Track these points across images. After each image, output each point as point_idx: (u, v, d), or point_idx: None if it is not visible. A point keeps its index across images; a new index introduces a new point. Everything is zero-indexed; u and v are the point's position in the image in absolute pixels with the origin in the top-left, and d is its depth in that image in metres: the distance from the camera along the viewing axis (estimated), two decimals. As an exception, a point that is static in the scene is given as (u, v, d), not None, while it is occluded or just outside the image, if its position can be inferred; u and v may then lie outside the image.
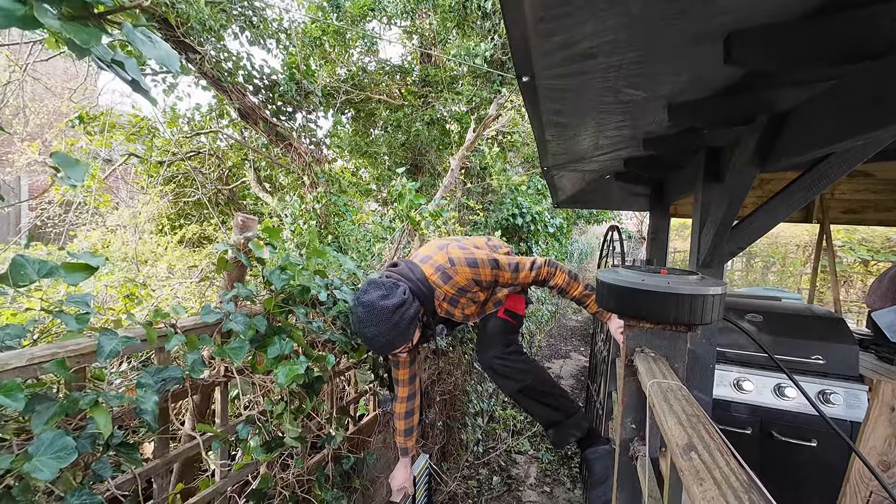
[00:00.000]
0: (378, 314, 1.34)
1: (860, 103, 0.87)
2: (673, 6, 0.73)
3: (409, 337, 1.41)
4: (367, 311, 1.34)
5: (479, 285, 1.54)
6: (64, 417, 0.80)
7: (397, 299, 1.37)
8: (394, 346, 1.39)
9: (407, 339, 1.41)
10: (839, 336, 1.80)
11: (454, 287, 1.50)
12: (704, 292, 0.75)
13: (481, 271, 1.51)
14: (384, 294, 1.37)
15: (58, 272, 0.79)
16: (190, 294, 3.42)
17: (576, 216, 8.87)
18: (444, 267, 1.50)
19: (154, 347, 1.05)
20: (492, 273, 1.53)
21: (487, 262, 1.52)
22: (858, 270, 8.59)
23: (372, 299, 1.35)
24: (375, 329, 1.34)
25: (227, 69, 3.76)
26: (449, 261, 1.50)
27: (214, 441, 1.25)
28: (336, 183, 4.05)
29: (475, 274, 1.51)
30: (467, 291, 1.53)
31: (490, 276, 1.53)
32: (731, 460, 0.41)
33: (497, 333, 1.70)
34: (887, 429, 0.88)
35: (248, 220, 1.32)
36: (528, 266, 1.57)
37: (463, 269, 1.50)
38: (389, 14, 5.33)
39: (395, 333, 1.36)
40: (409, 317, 1.39)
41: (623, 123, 1.44)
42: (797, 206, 1.39)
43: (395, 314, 1.35)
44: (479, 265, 1.51)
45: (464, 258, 1.51)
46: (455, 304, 1.56)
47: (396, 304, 1.36)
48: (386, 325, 1.34)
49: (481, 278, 1.52)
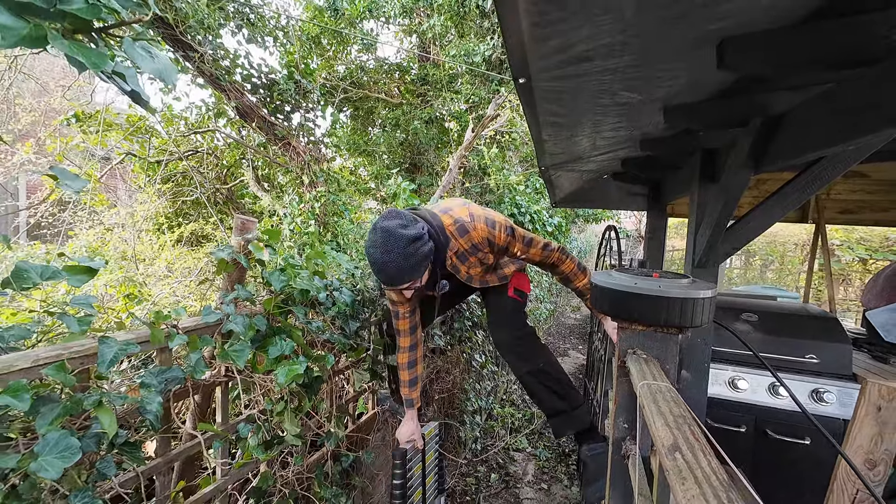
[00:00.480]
0: (394, 241, 1.30)
1: (854, 108, 0.89)
2: (666, 12, 0.74)
3: (418, 273, 1.37)
4: (384, 236, 1.31)
5: (490, 247, 1.54)
6: (69, 417, 0.81)
7: (415, 232, 1.34)
8: (402, 278, 1.35)
9: (416, 276, 1.37)
10: (833, 335, 1.81)
11: (468, 242, 1.51)
12: (695, 296, 0.77)
13: (497, 234, 1.52)
14: (403, 224, 1.34)
15: (60, 275, 0.81)
16: (190, 293, 3.43)
17: (574, 215, 8.88)
18: (464, 220, 1.50)
19: (156, 347, 1.06)
20: (506, 239, 1.54)
21: (505, 228, 1.54)
22: (857, 269, 8.63)
23: (390, 226, 1.32)
24: (388, 256, 1.30)
25: (225, 67, 3.76)
26: (469, 215, 1.51)
27: (215, 440, 1.26)
28: (335, 182, 4.05)
29: (491, 235, 1.52)
30: (479, 250, 1.54)
31: (503, 242, 1.54)
32: (713, 460, 0.42)
33: (510, 312, 1.74)
34: (874, 428, 0.90)
35: (247, 221, 1.33)
36: (540, 245, 1.59)
37: (481, 226, 1.50)
38: (388, 14, 5.33)
39: (406, 265, 1.32)
40: (423, 253, 1.35)
41: (620, 125, 1.46)
42: (792, 206, 1.41)
43: (411, 246, 1.32)
44: (497, 228, 1.52)
45: (483, 216, 1.52)
46: (464, 260, 1.55)
47: (414, 235, 1.33)
48: (399, 254, 1.31)
49: (495, 241, 1.53)
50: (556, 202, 3.50)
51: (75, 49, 0.52)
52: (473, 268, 1.59)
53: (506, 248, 1.56)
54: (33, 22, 0.49)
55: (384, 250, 1.31)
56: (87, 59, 0.53)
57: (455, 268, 1.57)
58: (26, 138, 4.90)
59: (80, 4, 0.52)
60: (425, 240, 1.37)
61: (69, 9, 0.52)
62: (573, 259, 1.63)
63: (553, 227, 5.02)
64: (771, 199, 1.41)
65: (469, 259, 1.55)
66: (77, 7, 0.52)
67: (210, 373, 1.29)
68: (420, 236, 1.35)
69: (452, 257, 1.53)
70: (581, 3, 0.72)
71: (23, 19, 0.49)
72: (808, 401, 1.76)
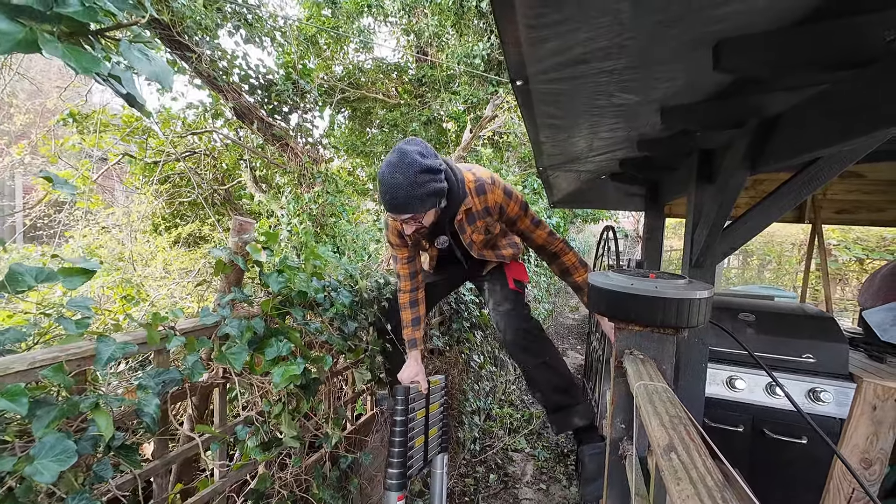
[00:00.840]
0: (408, 165, 1.26)
1: (849, 109, 0.89)
2: (663, 15, 0.75)
3: (423, 207, 1.32)
4: (400, 157, 1.28)
5: (500, 215, 1.55)
6: (65, 420, 0.81)
7: (432, 163, 1.30)
8: (406, 206, 1.30)
9: (421, 209, 1.33)
10: (829, 335, 1.82)
11: (483, 203, 1.50)
12: (691, 296, 0.77)
13: (511, 204, 1.53)
14: (422, 153, 1.30)
15: (55, 278, 0.81)
16: (187, 294, 3.42)
17: (573, 215, 8.89)
18: (484, 181, 1.49)
19: (153, 349, 1.06)
20: (518, 212, 1.56)
21: (519, 202, 1.55)
22: (854, 269, 8.67)
23: (409, 150, 1.28)
24: (398, 178, 1.26)
25: (223, 68, 3.76)
26: (490, 179, 1.50)
27: (213, 442, 1.26)
28: (333, 182, 4.05)
29: (505, 203, 1.52)
30: (489, 215, 1.54)
31: (514, 214, 1.56)
32: (709, 460, 0.43)
33: (514, 306, 1.76)
34: (869, 427, 0.91)
35: (245, 223, 1.33)
36: (547, 229, 1.61)
37: (498, 191, 1.50)
38: (386, 12, 5.33)
39: (413, 193, 1.27)
40: (434, 188, 1.31)
41: (617, 126, 1.46)
42: (788, 207, 1.41)
43: (423, 175, 1.28)
44: (513, 198, 1.53)
45: (503, 185, 1.52)
46: (472, 221, 1.53)
47: (429, 166, 1.29)
48: (410, 180, 1.26)
49: (507, 211, 1.54)
50: (555, 203, 3.51)
51: (69, 53, 0.52)
52: (478, 233, 1.57)
53: (515, 220, 1.57)
54: (28, 26, 0.49)
55: (396, 172, 1.26)
56: (79, 64, 0.53)
57: (461, 227, 1.54)
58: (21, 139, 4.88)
59: (76, 7, 0.52)
60: (440, 177, 1.33)
61: (65, 12, 0.52)
62: (576, 252, 1.64)
63: (551, 227, 5.02)
64: (767, 200, 1.42)
65: (476, 222, 1.54)
66: (73, 10, 0.52)
67: (208, 375, 1.28)
68: (436, 170, 1.31)
69: (463, 214, 1.51)
70: (578, 7, 0.73)
71: (18, 23, 0.49)
72: (804, 400, 1.77)
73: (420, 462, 1.60)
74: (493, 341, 3.70)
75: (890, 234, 7.87)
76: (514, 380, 4.46)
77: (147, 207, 4.61)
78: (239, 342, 1.19)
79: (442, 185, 1.35)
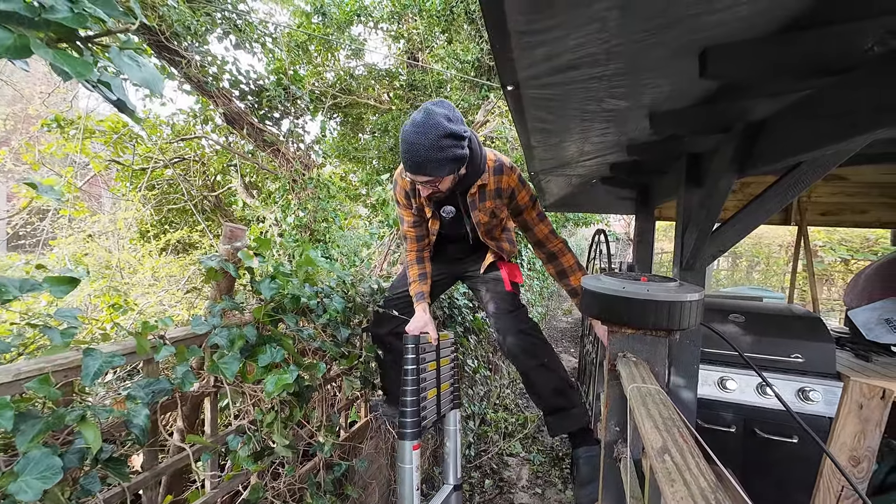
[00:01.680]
0: (433, 126, 1.25)
1: (831, 115, 0.91)
2: (649, 23, 0.76)
3: (442, 171, 1.31)
4: (426, 118, 1.26)
5: (510, 201, 1.57)
6: (51, 433, 0.79)
7: (458, 129, 1.29)
8: (425, 167, 1.29)
9: (439, 173, 1.31)
10: (817, 335, 1.85)
11: (497, 183, 1.51)
12: (682, 299, 0.78)
13: (523, 192, 1.56)
14: (449, 117, 1.29)
15: (40, 288, 0.79)
16: (177, 301, 3.37)
17: (564, 219, 8.94)
18: (504, 163, 1.52)
19: (143, 359, 1.04)
20: (526, 202, 1.58)
21: (531, 192, 1.59)
22: (839, 269, 8.85)
23: (436, 111, 1.27)
24: (421, 138, 1.25)
25: (213, 74, 3.74)
26: (510, 163, 1.55)
27: (204, 452, 1.24)
28: (325, 188, 4.04)
29: (517, 189, 1.55)
30: (500, 197, 1.55)
31: (524, 203, 1.58)
32: (702, 462, 0.43)
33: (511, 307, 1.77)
34: (857, 425, 0.92)
35: (236, 229, 1.32)
36: (550, 227, 1.63)
37: (514, 176, 1.54)
38: (376, 18, 5.35)
39: (434, 157, 1.26)
40: (455, 154, 1.29)
41: (607, 130, 1.48)
42: (775, 209, 1.44)
43: (446, 140, 1.26)
44: (525, 186, 1.56)
45: (520, 173, 1.56)
46: (483, 199, 1.54)
47: (454, 132, 1.27)
48: (432, 142, 1.25)
49: (516, 197, 1.56)
50: (547, 206, 3.53)
51: (60, 58, 0.51)
52: (484, 214, 1.58)
53: (522, 210, 1.60)
54: (17, 32, 0.49)
55: (420, 132, 1.25)
56: (72, 69, 0.52)
57: (473, 203, 1.54)
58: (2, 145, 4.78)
59: (65, 14, 0.52)
60: (462, 144, 1.31)
61: (54, 18, 0.51)
62: (574, 255, 1.66)
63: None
64: (754, 203, 1.44)
65: (486, 203, 1.55)
66: (62, 16, 0.51)
67: (198, 384, 1.27)
68: (459, 136, 1.29)
69: (477, 189, 1.51)
70: (567, 14, 0.74)
71: (6, 29, 0.48)
72: (794, 399, 1.79)
73: (434, 415, 1.59)
74: (487, 345, 3.70)
75: (873, 234, 8.05)
76: (509, 384, 4.46)
77: (134, 214, 4.54)
78: (231, 351, 1.17)
79: (464, 152, 1.33)
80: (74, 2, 0.52)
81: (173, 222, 5.10)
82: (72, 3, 0.51)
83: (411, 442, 1.43)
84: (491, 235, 1.71)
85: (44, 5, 0.50)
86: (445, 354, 1.75)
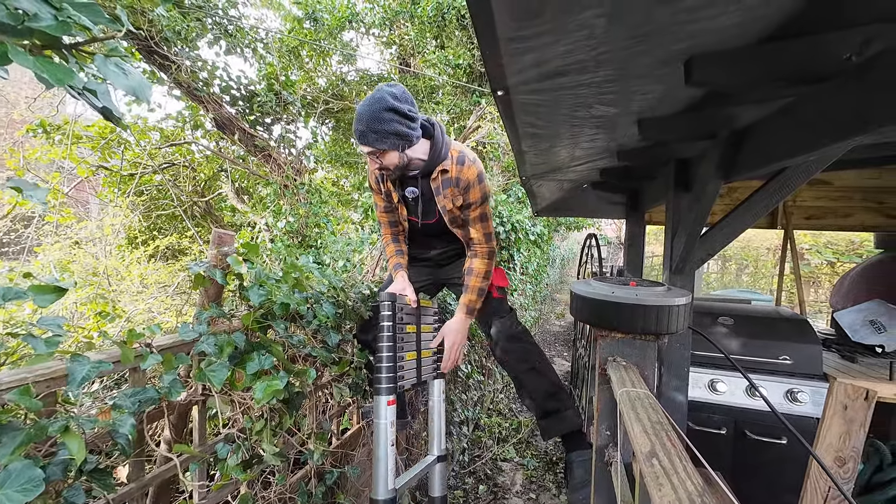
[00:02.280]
0: (377, 100, 1.39)
1: (812, 121, 0.94)
2: (635, 31, 0.78)
3: (382, 144, 1.42)
4: (375, 93, 1.41)
5: (464, 195, 1.60)
6: (34, 444, 0.77)
7: (402, 107, 1.40)
8: (364, 137, 1.42)
9: (379, 145, 1.42)
10: (804, 336, 1.88)
11: (457, 174, 1.58)
12: (670, 303, 0.79)
13: (479, 188, 1.60)
14: (396, 96, 1.41)
15: (25, 296, 0.77)
16: (166, 308, 3.32)
17: (556, 223, 9.00)
18: (467, 156, 1.59)
19: (129, 367, 1.02)
20: (478, 199, 1.61)
21: (484, 192, 1.62)
22: (826, 272, 9.01)
23: (385, 90, 1.40)
24: (365, 109, 1.39)
25: (203, 79, 3.71)
26: (473, 158, 1.61)
27: (192, 462, 1.22)
28: (316, 193, 4.02)
29: (473, 184, 1.58)
30: (457, 187, 1.60)
31: (474, 198, 1.61)
32: (689, 465, 0.44)
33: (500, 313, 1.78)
34: (842, 426, 0.94)
35: (224, 235, 1.30)
36: (490, 231, 1.66)
37: (473, 170, 1.58)
38: (367, 24, 5.37)
39: (373, 127, 1.39)
40: (395, 129, 1.41)
41: (597, 136, 1.50)
42: (761, 213, 1.47)
43: (387, 113, 1.38)
44: (480, 185, 1.60)
45: (480, 170, 1.60)
46: (447, 186, 1.60)
47: (398, 108, 1.39)
48: (373, 114, 1.38)
49: (469, 193, 1.60)
50: (538, 211, 3.56)
51: (41, 65, 0.51)
52: (448, 201, 1.64)
53: (470, 205, 1.62)
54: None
55: (366, 104, 1.40)
56: (52, 76, 0.52)
57: (437, 189, 1.61)
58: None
59: (48, 21, 0.51)
60: (407, 123, 1.42)
61: (37, 26, 0.50)
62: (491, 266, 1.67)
63: (535, 235, 5.08)
64: (741, 207, 1.47)
65: (449, 189, 1.61)
66: (46, 24, 0.51)
67: (186, 393, 1.25)
68: (403, 114, 1.40)
69: (439, 175, 1.58)
70: (555, 21, 0.75)
71: (-13, 37, 0.47)
72: (783, 401, 1.81)
73: (413, 379, 1.58)
74: (480, 350, 3.70)
75: (858, 238, 8.22)
76: (502, 388, 4.45)
77: (122, 220, 4.47)
78: (219, 358, 1.16)
79: (407, 130, 1.43)
80: (59, 9, 0.51)
81: (162, 228, 5.03)
82: (56, 10, 0.51)
83: (386, 397, 1.42)
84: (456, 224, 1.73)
85: (27, 13, 0.49)
86: (428, 322, 1.76)
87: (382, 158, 1.48)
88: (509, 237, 3.78)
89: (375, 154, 1.47)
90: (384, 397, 1.42)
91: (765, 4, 0.69)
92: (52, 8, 0.51)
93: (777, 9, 0.71)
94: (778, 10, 0.71)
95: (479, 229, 1.65)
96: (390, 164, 1.50)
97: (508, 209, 3.87)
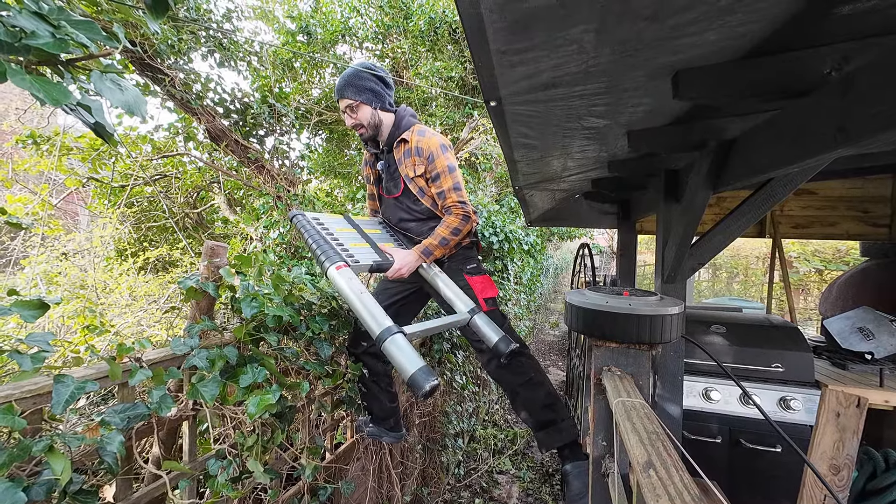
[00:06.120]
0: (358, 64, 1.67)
1: (795, 134, 0.96)
2: (623, 46, 0.80)
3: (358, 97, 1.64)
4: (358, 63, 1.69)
5: (428, 164, 1.68)
6: (17, 464, 0.75)
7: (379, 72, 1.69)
8: (344, 89, 1.65)
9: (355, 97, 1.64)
10: (795, 344, 1.90)
11: (415, 143, 1.70)
12: (663, 313, 0.80)
13: (444, 157, 1.67)
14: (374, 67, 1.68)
15: (9, 313, 0.76)
16: (156, 321, 3.27)
17: (549, 233, 9.06)
18: (426, 130, 1.73)
19: (117, 383, 1.00)
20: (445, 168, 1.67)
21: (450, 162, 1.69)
22: (814, 279, 9.15)
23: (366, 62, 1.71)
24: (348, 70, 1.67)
25: (196, 91, 3.72)
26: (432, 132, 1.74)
27: (182, 479, 1.19)
28: (310, 204, 4.01)
29: (437, 153, 1.67)
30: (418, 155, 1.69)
31: (441, 168, 1.67)
32: (686, 475, 0.44)
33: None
34: (835, 433, 0.94)
35: (217, 247, 1.29)
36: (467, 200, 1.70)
37: (434, 141, 1.69)
38: (360, 38, 5.43)
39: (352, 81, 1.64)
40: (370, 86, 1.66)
41: (588, 147, 1.52)
42: (750, 223, 1.49)
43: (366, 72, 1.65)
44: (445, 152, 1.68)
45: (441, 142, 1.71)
46: (408, 155, 1.72)
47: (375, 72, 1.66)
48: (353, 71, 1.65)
49: (434, 161, 1.67)
50: (531, 221, 3.58)
51: (36, 84, 0.51)
52: (409, 169, 1.73)
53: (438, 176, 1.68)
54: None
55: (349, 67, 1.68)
56: (47, 95, 0.52)
57: (400, 160, 1.75)
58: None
59: (46, 39, 0.51)
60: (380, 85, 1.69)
61: (34, 44, 0.50)
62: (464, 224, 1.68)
63: (529, 245, 5.11)
64: (730, 217, 1.49)
65: (410, 159, 1.72)
66: (43, 42, 0.51)
67: (176, 408, 1.22)
68: (379, 77, 1.69)
69: (402, 146, 1.73)
70: (546, 35, 0.77)
71: (-19, 55, 0.47)
72: (777, 408, 1.82)
73: (369, 260, 1.57)
74: (475, 361, 3.68)
75: (844, 245, 8.38)
76: (498, 399, 4.42)
77: (112, 232, 4.41)
78: (210, 373, 1.14)
79: (381, 90, 1.69)
80: (56, 27, 0.51)
81: (153, 240, 4.97)
82: (54, 28, 0.51)
83: (332, 265, 1.40)
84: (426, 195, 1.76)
85: (25, 31, 0.49)
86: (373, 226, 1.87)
87: (357, 112, 1.67)
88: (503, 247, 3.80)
89: (352, 107, 1.66)
90: (331, 268, 1.39)
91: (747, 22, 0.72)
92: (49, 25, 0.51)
93: (759, 27, 0.73)
94: (759, 27, 0.73)
95: (454, 197, 1.70)
96: (363, 118, 1.68)
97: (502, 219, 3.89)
